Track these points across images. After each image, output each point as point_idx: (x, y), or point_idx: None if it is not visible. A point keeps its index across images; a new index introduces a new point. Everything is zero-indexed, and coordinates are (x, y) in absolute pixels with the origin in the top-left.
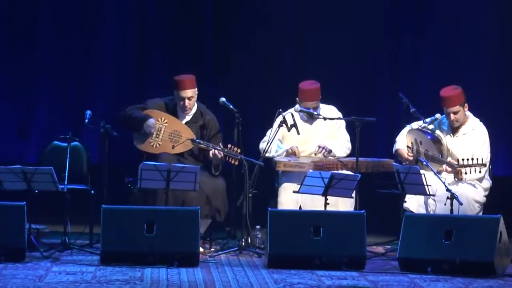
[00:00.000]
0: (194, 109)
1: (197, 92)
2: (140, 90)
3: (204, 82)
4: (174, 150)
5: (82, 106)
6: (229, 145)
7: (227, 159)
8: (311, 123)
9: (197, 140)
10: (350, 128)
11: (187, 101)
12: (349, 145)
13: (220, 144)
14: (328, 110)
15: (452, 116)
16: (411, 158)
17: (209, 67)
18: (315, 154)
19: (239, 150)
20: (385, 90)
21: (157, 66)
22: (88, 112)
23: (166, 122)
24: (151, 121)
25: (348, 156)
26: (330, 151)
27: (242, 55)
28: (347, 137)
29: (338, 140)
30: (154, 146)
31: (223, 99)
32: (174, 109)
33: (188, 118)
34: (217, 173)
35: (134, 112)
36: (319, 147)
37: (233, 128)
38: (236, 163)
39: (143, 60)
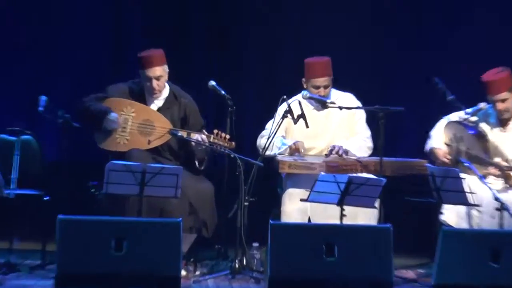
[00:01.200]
0: (166, 92)
1: (167, 70)
2: (114, 71)
3: (192, 64)
4: (147, 145)
5: (39, 92)
6: (215, 131)
7: (215, 147)
8: (323, 114)
9: (175, 131)
10: (371, 120)
11: (155, 81)
12: (371, 144)
13: (204, 131)
14: (344, 98)
15: (500, 105)
16: (448, 162)
17: (198, 46)
18: (326, 155)
19: (228, 137)
20: (415, 73)
21: (135, 43)
22: (43, 98)
23: (133, 112)
24: (112, 115)
25: (370, 156)
26: (346, 153)
27: (238, 33)
28: (367, 133)
29: (356, 137)
30: (121, 142)
31: (212, 82)
32: (141, 93)
33: (159, 103)
34: (202, 167)
35: (92, 105)
36: (332, 149)
37: (224, 118)
38: (226, 151)
39: (118, 34)
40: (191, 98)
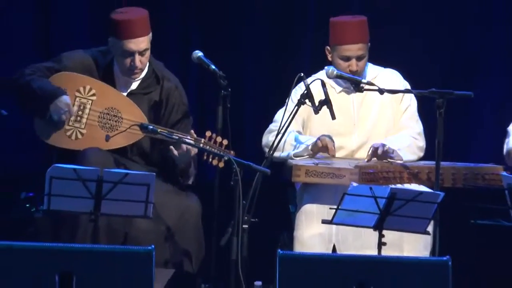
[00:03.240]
0: (144, 71)
1: (151, 37)
2: (50, 37)
3: (166, 31)
4: (109, 143)
5: None
6: (207, 134)
7: (205, 157)
8: (356, 100)
9: (151, 126)
10: (426, 109)
11: (138, 58)
12: (422, 143)
13: (192, 132)
14: (386, 76)
15: None
16: None
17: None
18: (368, 160)
19: (225, 143)
20: (491, 45)
21: None
22: None
23: (93, 95)
24: (64, 99)
25: (421, 159)
26: (391, 152)
27: None
28: (418, 127)
29: (402, 133)
30: (73, 136)
31: (198, 53)
32: (110, 70)
33: (133, 85)
34: (188, 182)
35: (37, 81)
36: (374, 148)
37: (215, 106)
38: (221, 164)
39: None
40: (179, 82)
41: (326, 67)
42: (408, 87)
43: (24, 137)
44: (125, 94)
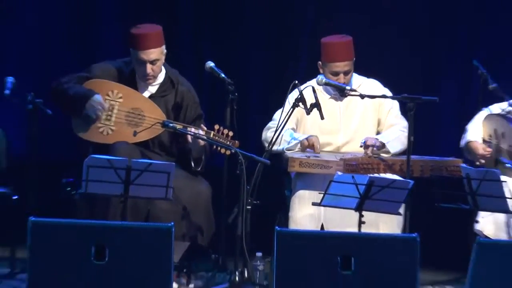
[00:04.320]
0: (161, 77)
1: (165, 52)
2: (85, 49)
3: (180, 42)
4: (135, 137)
5: (4, 73)
6: (216, 127)
7: (214, 147)
8: (342, 104)
9: (170, 123)
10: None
11: (149, 66)
12: (407, 134)
13: (203, 125)
14: (368, 85)
15: None
16: (487, 155)
17: (189, 17)
18: (366, 154)
19: (231, 134)
20: (451, 57)
21: (110, 15)
22: (10, 79)
23: (120, 97)
24: (96, 98)
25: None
26: (382, 145)
27: (237, 2)
28: (404, 122)
29: (392, 128)
30: (105, 132)
31: (210, 63)
32: (132, 76)
33: (152, 89)
34: (199, 168)
35: (72, 87)
36: (366, 144)
37: (224, 107)
38: (228, 152)
39: (90, 6)
40: (191, 86)
41: (317, 76)
42: (389, 93)
43: (64, 133)
44: (147, 96)
